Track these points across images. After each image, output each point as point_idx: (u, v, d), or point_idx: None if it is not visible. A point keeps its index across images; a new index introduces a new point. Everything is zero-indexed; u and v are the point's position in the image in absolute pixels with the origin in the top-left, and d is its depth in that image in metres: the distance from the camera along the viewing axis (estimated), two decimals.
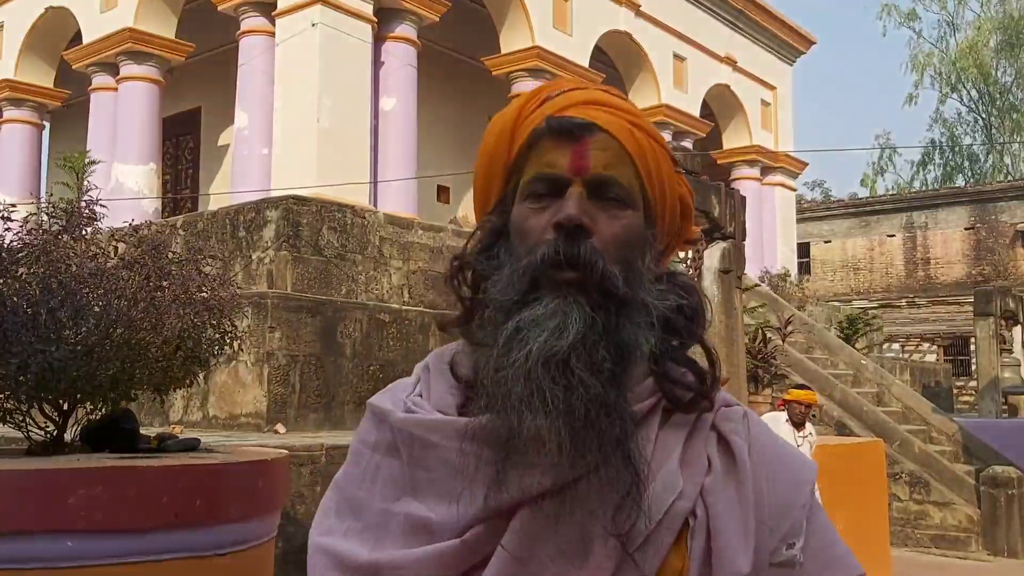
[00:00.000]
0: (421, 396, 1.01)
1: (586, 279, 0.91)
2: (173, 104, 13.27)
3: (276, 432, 6.44)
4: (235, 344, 3.76)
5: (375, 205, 10.02)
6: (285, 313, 6.89)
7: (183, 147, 14.42)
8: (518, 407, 0.87)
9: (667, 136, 13.48)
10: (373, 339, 7.47)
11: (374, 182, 10.39)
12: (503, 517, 0.89)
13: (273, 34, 10.49)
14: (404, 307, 8.31)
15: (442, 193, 14.02)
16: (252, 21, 10.71)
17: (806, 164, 18.35)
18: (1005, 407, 14.32)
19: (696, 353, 1.01)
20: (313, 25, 9.96)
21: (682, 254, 6.84)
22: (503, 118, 1.03)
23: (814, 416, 9.82)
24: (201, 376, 3.81)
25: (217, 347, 3.63)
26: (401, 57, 10.95)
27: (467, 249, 1.02)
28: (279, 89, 10.19)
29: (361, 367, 7.33)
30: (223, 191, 11.74)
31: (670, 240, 1.04)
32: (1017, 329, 15.59)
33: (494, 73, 12.65)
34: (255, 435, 6.25)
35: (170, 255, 3.58)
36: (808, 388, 7.74)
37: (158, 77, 11.85)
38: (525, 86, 12.32)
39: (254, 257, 8.08)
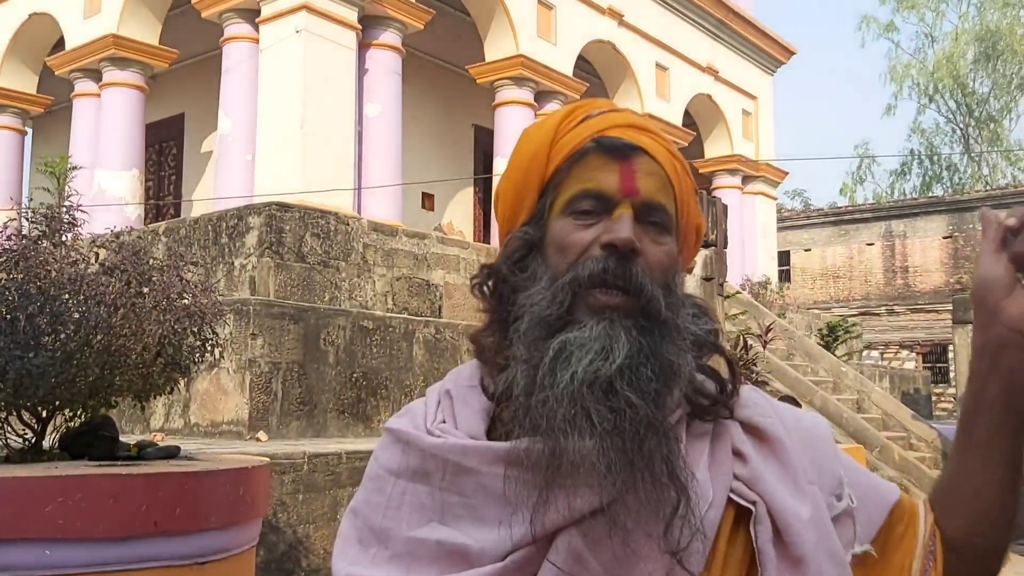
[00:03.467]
0: (444, 422, 0.99)
1: (633, 303, 0.91)
2: (156, 110, 13.21)
3: (258, 440, 6.41)
4: (216, 351, 3.74)
5: (359, 212, 10.00)
6: (268, 320, 6.86)
7: (166, 153, 14.36)
8: (563, 428, 0.86)
9: None
10: (356, 346, 7.45)
11: (358, 189, 10.38)
12: (546, 539, 0.88)
13: (257, 40, 10.46)
14: (388, 314, 8.30)
15: (426, 200, 14.03)
16: (236, 28, 10.68)
17: (786, 173, 18.45)
18: None
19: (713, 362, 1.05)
20: (297, 32, 9.95)
21: None
22: (539, 132, 1.01)
23: None
24: (182, 383, 3.79)
25: (198, 354, 3.61)
26: (386, 64, 10.96)
27: (498, 259, 1.00)
28: (263, 95, 10.16)
29: (344, 374, 7.31)
30: (206, 197, 11.70)
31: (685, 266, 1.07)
32: None
33: (478, 81, 12.68)
34: (237, 443, 6.22)
35: (151, 261, 3.56)
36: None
37: (141, 83, 11.79)
38: (509, 94, 12.37)
39: (236, 264, 8.05)
